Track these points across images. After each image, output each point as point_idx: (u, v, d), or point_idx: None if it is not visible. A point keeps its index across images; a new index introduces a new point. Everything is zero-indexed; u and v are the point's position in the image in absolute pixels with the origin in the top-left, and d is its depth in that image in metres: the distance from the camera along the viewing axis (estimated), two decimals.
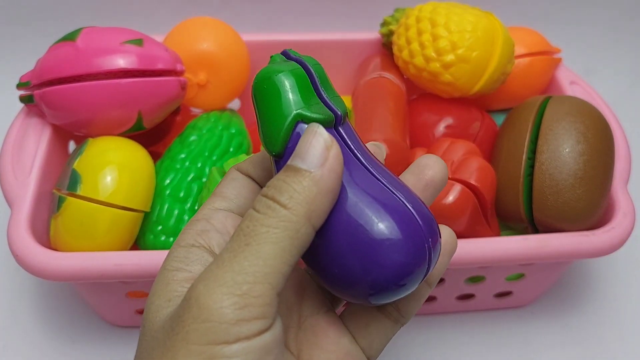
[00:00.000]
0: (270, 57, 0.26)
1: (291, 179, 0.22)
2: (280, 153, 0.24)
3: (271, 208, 0.22)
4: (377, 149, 0.28)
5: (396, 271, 0.22)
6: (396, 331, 0.27)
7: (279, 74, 0.24)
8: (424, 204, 0.24)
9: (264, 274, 0.21)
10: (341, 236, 0.23)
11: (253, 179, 0.27)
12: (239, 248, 0.21)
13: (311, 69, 0.25)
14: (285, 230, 0.21)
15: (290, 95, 0.24)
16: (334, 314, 0.28)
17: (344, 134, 0.25)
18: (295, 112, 0.24)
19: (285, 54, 0.26)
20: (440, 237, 0.24)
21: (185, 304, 0.21)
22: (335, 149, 0.23)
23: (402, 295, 0.23)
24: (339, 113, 0.25)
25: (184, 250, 0.24)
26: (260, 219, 0.22)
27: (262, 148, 0.26)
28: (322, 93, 0.25)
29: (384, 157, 0.28)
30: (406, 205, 0.23)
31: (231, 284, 0.21)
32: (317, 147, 0.23)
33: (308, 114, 0.24)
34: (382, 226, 0.22)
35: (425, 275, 0.23)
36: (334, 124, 0.25)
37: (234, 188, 0.27)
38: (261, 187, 0.27)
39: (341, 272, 0.23)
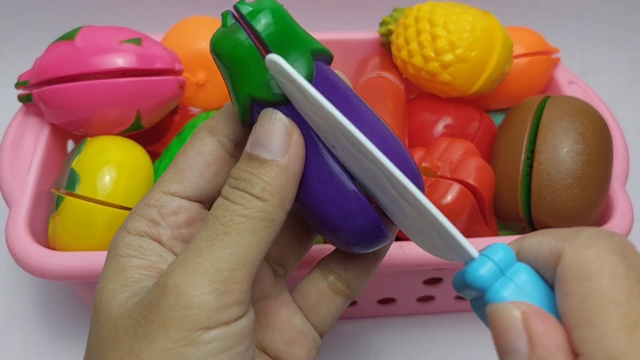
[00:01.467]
0: (221, 15, 0.24)
1: (258, 170, 0.22)
2: (250, 125, 0.24)
3: (246, 199, 0.22)
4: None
5: (369, 223, 0.23)
6: (346, 306, 0.28)
7: (222, 51, 0.23)
8: (399, 146, 0.24)
9: (243, 261, 0.21)
10: (319, 190, 0.24)
11: (224, 139, 0.26)
12: (217, 237, 0.22)
13: (260, 34, 0.23)
14: (262, 220, 0.22)
15: (240, 75, 0.23)
16: (285, 295, 0.28)
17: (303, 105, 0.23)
18: (247, 93, 0.23)
19: (236, 9, 0.24)
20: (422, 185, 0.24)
21: (159, 292, 0.21)
22: (297, 135, 0.23)
23: (382, 244, 0.25)
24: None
25: (137, 239, 0.24)
26: (237, 209, 0.22)
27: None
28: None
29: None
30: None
31: (212, 271, 0.21)
32: (279, 134, 0.22)
33: (258, 95, 0.23)
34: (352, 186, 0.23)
35: (386, 228, 0.24)
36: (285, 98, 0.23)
37: (196, 168, 0.26)
38: (233, 147, 0.26)
39: (324, 224, 0.24)
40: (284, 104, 0.23)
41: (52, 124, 0.46)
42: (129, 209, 0.42)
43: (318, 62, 0.24)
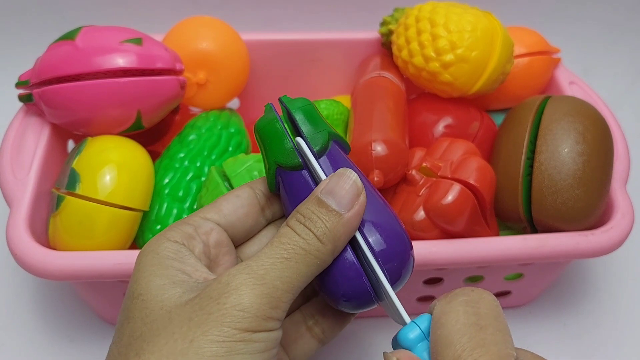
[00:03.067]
0: (265, 106, 0.30)
1: (324, 215, 0.26)
2: (275, 191, 0.30)
3: (309, 237, 0.26)
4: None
5: (361, 291, 0.28)
6: (318, 349, 0.31)
7: (259, 128, 0.29)
8: (390, 225, 0.28)
9: (292, 286, 0.25)
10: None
11: (260, 192, 0.31)
12: (279, 259, 0.25)
13: (292, 115, 0.29)
14: (316, 259, 0.26)
15: (269, 146, 0.29)
16: None
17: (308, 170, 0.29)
18: (272, 160, 0.29)
19: (280, 101, 0.30)
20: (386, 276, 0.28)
21: (222, 289, 0.24)
22: (364, 197, 0.27)
23: (368, 309, 0.29)
24: (312, 150, 0.29)
25: (175, 245, 0.28)
26: (299, 242, 0.26)
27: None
28: (303, 134, 0.29)
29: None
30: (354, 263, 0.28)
31: (270, 286, 0.24)
32: (351, 192, 0.27)
33: (281, 162, 0.29)
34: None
35: (375, 298, 0.28)
36: (302, 164, 0.29)
37: (232, 205, 0.30)
38: (265, 199, 0.31)
39: (320, 278, 0.28)
40: (298, 170, 0.29)
41: (53, 123, 0.46)
42: (129, 208, 0.42)
43: (335, 142, 0.29)
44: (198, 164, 0.46)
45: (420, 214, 0.41)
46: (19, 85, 0.45)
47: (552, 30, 0.60)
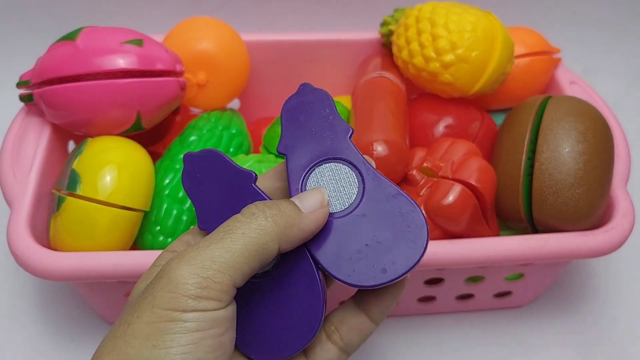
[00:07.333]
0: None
1: (283, 206, 0.27)
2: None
3: (254, 216, 0.26)
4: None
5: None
6: (341, 359, 0.31)
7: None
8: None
9: (227, 266, 0.25)
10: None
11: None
12: (215, 240, 0.26)
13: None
14: (256, 238, 0.26)
15: None
16: None
17: None
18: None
19: None
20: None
21: (158, 275, 0.25)
22: (324, 211, 0.28)
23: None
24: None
25: (172, 255, 0.29)
26: (240, 225, 0.26)
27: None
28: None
29: (374, 166, 0.30)
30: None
31: (199, 266, 0.25)
32: (316, 200, 0.28)
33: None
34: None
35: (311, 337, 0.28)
36: None
37: None
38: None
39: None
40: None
41: (54, 124, 0.46)
42: (130, 209, 0.42)
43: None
44: None
45: None
46: (19, 85, 0.45)
47: (553, 31, 0.60)
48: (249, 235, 0.26)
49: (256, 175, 0.29)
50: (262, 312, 0.28)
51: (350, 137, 0.30)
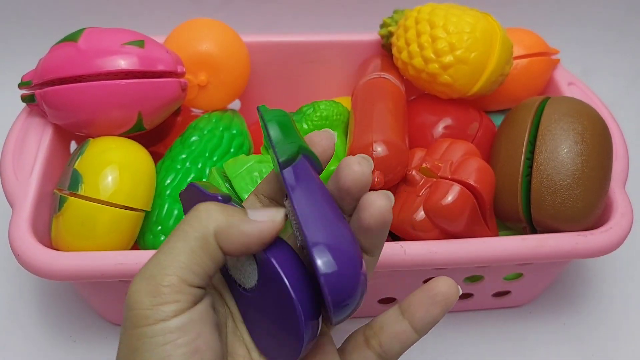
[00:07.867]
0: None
1: (231, 209, 0.26)
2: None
3: (197, 218, 0.26)
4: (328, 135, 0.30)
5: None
6: None
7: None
8: (345, 247, 0.26)
9: (173, 267, 0.25)
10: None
11: (261, 196, 0.31)
12: (161, 246, 0.26)
13: (266, 124, 0.29)
14: (196, 233, 0.25)
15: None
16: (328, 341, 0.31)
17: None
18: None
19: (257, 110, 0.30)
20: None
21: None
22: (271, 225, 0.26)
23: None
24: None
25: None
26: (183, 223, 0.26)
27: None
28: (272, 142, 0.28)
29: (334, 143, 0.30)
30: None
31: (147, 276, 0.25)
32: (266, 216, 0.26)
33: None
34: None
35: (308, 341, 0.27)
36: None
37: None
38: (268, 201, 0.31)
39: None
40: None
41: (55, 124, 0.46)
42: (131, 209, 0.42)
43: (304, 157, 0.28)
44: (199, 165, 0.47)
45: (420, 214, 0.41)
46: (21, 85, 0.46)
47: (551, 32, 0.60)
48: (188, 231, 0.25)
49: (224, 197, 0.29)
50: (262, 323, 0.28)
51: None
